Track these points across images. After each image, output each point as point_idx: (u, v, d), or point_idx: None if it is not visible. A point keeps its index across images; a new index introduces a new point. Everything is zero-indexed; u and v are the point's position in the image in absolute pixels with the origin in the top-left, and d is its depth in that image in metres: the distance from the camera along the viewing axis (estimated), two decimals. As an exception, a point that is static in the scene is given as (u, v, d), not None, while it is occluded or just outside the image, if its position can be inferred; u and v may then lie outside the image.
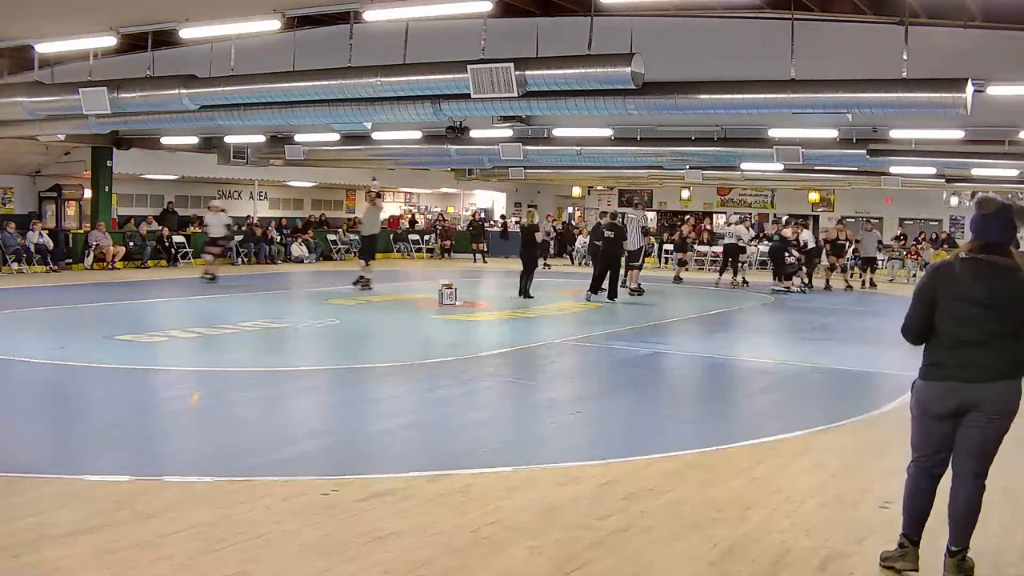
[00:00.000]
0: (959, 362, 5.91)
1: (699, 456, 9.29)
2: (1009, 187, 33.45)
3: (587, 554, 6.43)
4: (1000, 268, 5.89)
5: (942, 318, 5.96)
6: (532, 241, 24.78)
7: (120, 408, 11.23)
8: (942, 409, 5.97)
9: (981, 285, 5.86)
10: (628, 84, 13.39)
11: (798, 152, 24.39)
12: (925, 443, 6.11)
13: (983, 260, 5.92)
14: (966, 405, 5.91)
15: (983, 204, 6.01)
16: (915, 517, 6.16)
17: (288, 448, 9.24)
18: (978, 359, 5.87)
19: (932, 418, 6.02)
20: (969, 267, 5.96)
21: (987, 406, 5.87)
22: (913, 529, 6.16)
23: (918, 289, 6.16)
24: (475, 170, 40.17)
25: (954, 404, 5.93)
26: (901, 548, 6.20)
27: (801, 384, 13.97)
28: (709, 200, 47.70)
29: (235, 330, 17.02)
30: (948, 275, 6.03)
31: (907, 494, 6.21)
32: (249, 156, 32.34)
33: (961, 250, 6.12)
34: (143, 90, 16.95)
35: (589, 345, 16.94)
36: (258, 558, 6.21)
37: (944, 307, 5.95)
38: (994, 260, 5.90)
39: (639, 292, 26.19)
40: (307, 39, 16.84)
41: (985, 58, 15.08)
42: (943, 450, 6.05)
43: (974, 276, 5.91)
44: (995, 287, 5.85)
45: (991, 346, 5.87)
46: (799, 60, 13.98)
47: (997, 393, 5.88)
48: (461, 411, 11.54)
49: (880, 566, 6.25)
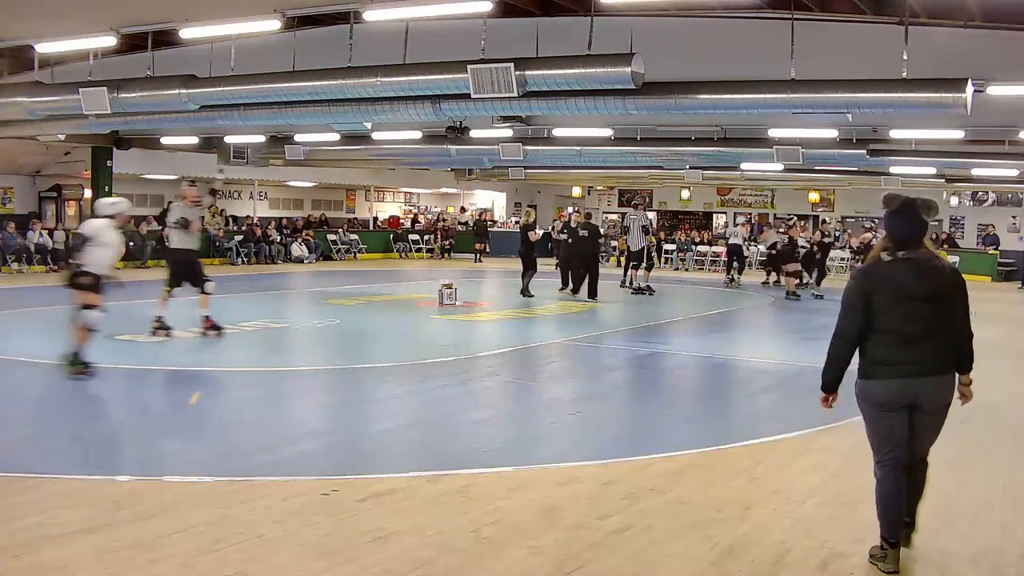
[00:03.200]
0: (903, 358, 6.01)
1: (699, 456, 9.29)
2: (1009, 187, 33.49)
3: (587, 554, 6.44)
4: (929, 262, 6.02)
5: (882, 316, 6.01)
6: (529, 240, 24.85)
7: (120, 408, 11.23)
8: (895, 405, 6.06)
9: (919, 281, 5.97)
10: (628, 84, 13.40)
11: (798, 152, 24.40)
12: (886, 441, 6.18)
13: (912, 258, 6.01)
14: (914, 399, 6.03)
15: (888, 201, 6.14)
16: (891, 518, 6.20)
17: (288, 448, 9.24)
18: (922, 354, 5.99)
19: (888, 414, 6.10)
20: (899, 265, 6.04)
21: (933, 399, 6.04)
22: (890, 531, 6.19)
23: (850, 294, 6.19)
24: (475, 170, 40.18)
25: (902, 399, 6.04)
26: (881, 550, 6.22)
27: (801, 384, 13.97)
28: (709, 200, 47.72)
29: (235, 330, 17.00)
30: (881, 275, 6.09)
31: (879, 497, 6.25)
32: (249, 156, 32.38)
33: (877, 251, 6.16)
34: (143, 90, 16.96)
35: (589, 345, 16.94)
36: (258, 558, 6.21)
37: (884, 306, 6.01)
38: (921, 255, 6.01)
39: (649, 292, 26.25)
40: (307, 39, 16.85)
41: (985, 58, 15.09)
42: (902, 443, 6.14)
43: (906, 272, 6.00)
44: (928, 280, 5.98)
45: (932, 340, 6.00)
46: (799, 60, 13.98)
47: (940, 386, 6.05)
48: (461, 411, 11.53)
49: (870, 562, 6.28)
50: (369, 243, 42.15)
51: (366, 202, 48.60)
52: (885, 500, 6.20)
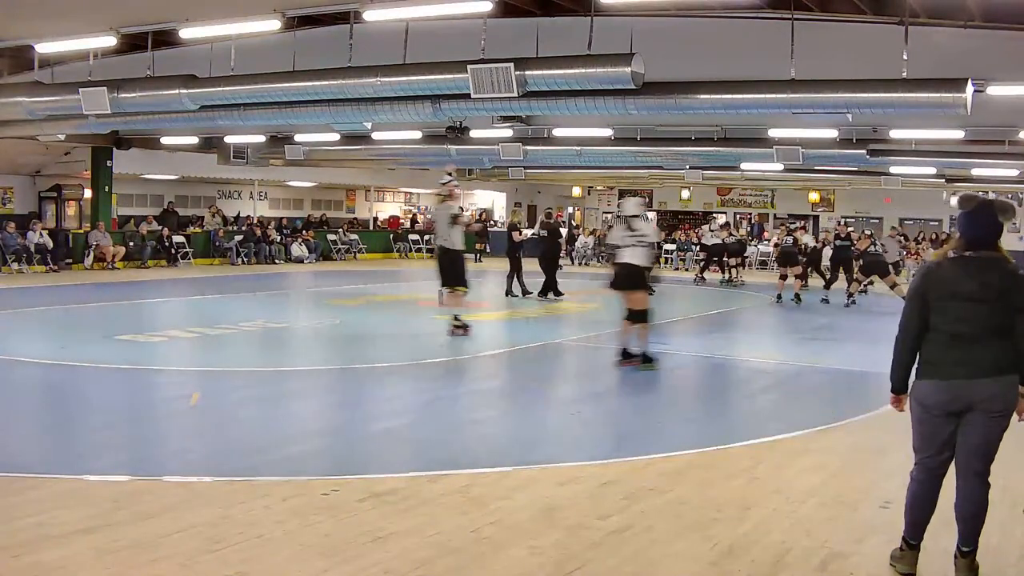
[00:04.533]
0: (956, 359, 5.90)
1: (699, 456, 9.28)
2: (1009, 187, 33.46)
3: (587, 554, 6.43)
4: (989, 262, 5.92)
5: (937, 316, 5.96)
6: (513, 240, 24.96)
7: (120, 408, 11.20)
8: (942, 408, 5.95)
9: (973, 280, 5.88)
10: (628, 84, 13.41)
11: (798, 152, 24.41)
12: (927, 444, 6.08)
13: (972, 256, 5.94)
14: (966, 403, 5.89)
15: (965, 202, 6.07)
16: (917, 521, 6.14)
17: (288, 448, 9.23)
18: (975, 356, 5.87)
19: (933, 418, 6.00)
20: (959, 264, 5.97)
21: (987, 403, 5.86)
22: (914, 533, 6.15)
23: (911, 290, 6.17)
24: (475, 170, 40.19)
25: (954, 402, 5.91)
26: (901, 551, 6.20)
27: (801, 384, 13.98)
28: (709, 200, 47.76)
29: (235, 330, 17.01)
30: (939, 274, 6.03)
31: (909, 497, 6.18)
32: (249, 156, 32.39)
33: (948, 249, 6.14)
34: (143, 90, 16.98)
35: (589, 345, 16.94)
36: (258, 558, 6.20)
37: (938, 305, 5.95)
38: (982, 255, 5.93)
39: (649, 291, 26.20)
40: (307, 39, 16.85)
41: (985, 58, 15.09)
42: (945, 451, 6.02)
43: (965, 272, 5.92)
44: (987, 281, 5.87)
45: (987, 342, 5.87)
46: (799, 60, 13.99)
47: (996, 389, 5.86)
48: (461, 411, 11.53)
49: (890, 563, 6.26)
50: (369, 243, 42.18)
51: (366, 202, 48.62)
52: (912, 502, 6.15)
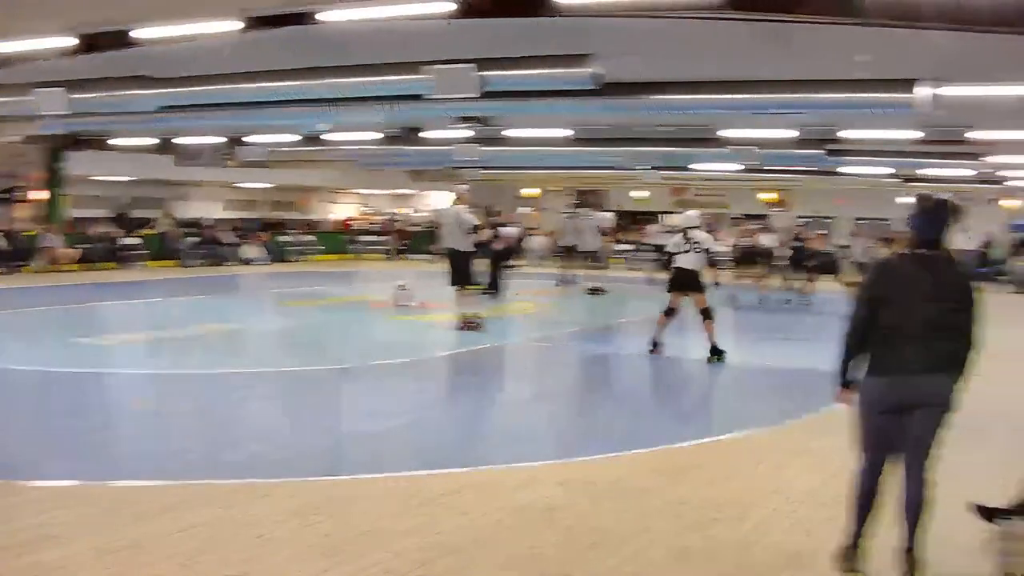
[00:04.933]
0: (902, 355, 5.99)
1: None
2: (963, 187, 33.72)
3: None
4: (939, 261, 6.02)
5: (886, 313, 6.03)
6: None
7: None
8: (887, 404, 6.05)
9: (926, 279, 5.98)
10: (588, 85, 13.43)
11: (755, 152, 24.50)
12: (871, 440, 6.18)
13: (923, 255, 6.02)
14: (910, 399, 6.00)
15: (921, 201, 6.14)
16: (862, 517, 6.22)
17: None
18: (921, 352, 5.97)
19: (878, 414, 6.10)
20: (910, 262, 6.06)
21: (931, 399, 5.98)
22: (859, 530, 6.22)
23: (861, 287, 6.26)
24: (431, 171, 40.12)
25: (899, 398, 6.02)
26: (847, 549, 6.25)
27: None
28: (665, 200, 47.82)
29: (188, 333, 16.93)
30: (890, 271, 6.15)
31: (855, 496, 6.26)
32: (205, 158, 32.16)
33: (899, 247, 6.22)
34: (100, 91, 16.81)
35: (549, 345, 17.00)
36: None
37: (888, 303, 6.03)
38: (933, 254, 6.02)
39: (600, 292, 26.37)
40: (265, 40, 16.70)
41: (940, 59, 15.19)
42: (888, 446, 6.12)
43: (916, 270, 6.01)
44: (939, 280, 5.98)
45: (933, 339, 5.97)
46: (757, 61, 14.03)
47: (939, 386, 5.99)
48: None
49: (836, 559, 6.29)
50: (323, 244, 42.01)
51: (321, 203, 48.45)
52: (858, 498, 6.22)
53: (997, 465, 9.21)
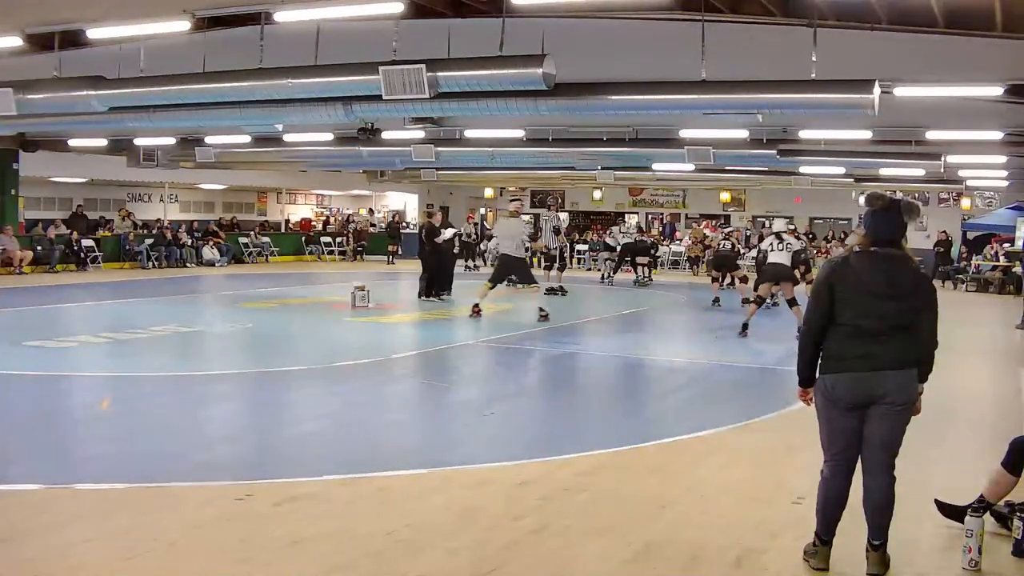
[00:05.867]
0: (860, 353, 6.02)
1: (614, 456, 9.33)
2: (916, 187, 33.96)
3: (504, 555, 6.45)
4: (897, 260, 6.06)
5: (843, 311, 6.07)
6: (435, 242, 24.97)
7: (30, 415, 11.00)
8: (847, 401, 6.07)
9: (881, 277, 6.01)
10: (540, 85, 13.41)
11: (709, 152, 24.58)
12: (834, 439, 6.18)
13: (878, 253, 6.07)
14: (869, 396, 6.02)
15: (872, 200, 6.18)
16: (828, 516, 6.23)
17: (202, 453, 9.16)
18: (879, 349, 6.00)
19: (838, 412, 6.11)
20: (866, 260, 6.10)
21: (890, 397, 6.00)
22: (825, 529, 6.24)
23: (816, 285, 6.27)
24: (387, 172, 40.04)
25: (859, 395, 6.04)
26: (814, 546, 6.29)
27: (713, 382, 14.13)
28: (621, 200, 47.96)
29: (146, 335, 16.82)
30: (847, 269, 6.15)
31: (820, 495, 6.27)
32: (159, 158, 31.96)
33: (854, 245, 6.26)
34: (50, 91, 16.68)
35: (502, 346, 16.95)
36: (173, 565, 6.14)
37: (845, 300, 6.06)
38: (890, 252, 6.05)
39: (561, 292, 26.44)
40: (218, 40, 16.65)
41: (892, 60, 15.30)
42: (852, 445, 6.13)
43: (873, 268, 6.04)
44: (895, 278, 6.02)
45: (890, 336, 6.00)
46: (709, 61, 14.08)
47: (897, 383, 6.01)
48: (375, 414, 11.50)
49: (803, 559, 6.34)
50: (281, 246, 41.86)
51: (278, 204, 48.35)
52: (825, 499, 6.24)
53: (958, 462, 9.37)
